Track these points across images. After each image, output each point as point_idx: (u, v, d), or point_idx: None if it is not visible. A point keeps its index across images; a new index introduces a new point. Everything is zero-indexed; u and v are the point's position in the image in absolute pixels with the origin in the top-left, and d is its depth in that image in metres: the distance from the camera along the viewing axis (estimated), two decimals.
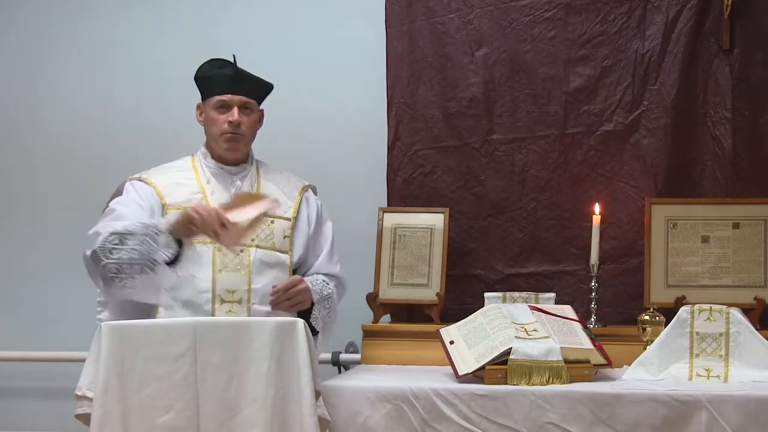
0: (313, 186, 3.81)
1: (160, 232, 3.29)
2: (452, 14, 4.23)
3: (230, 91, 3.61)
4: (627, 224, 4.11)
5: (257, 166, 3.73)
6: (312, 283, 3.59)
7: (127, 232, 3.30)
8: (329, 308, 3.61)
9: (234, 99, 3.61)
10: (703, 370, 3.45)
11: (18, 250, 4.63)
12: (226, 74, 3.62)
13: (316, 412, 3.19)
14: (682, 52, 4.08)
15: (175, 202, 3.55)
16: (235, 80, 3.62)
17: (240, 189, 3.61)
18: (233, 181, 3.66)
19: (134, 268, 3.29)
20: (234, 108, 3.60)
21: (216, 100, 3.62)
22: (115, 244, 3.30)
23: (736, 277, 3.94)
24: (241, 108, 3.61)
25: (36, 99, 4.64)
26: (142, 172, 3.66)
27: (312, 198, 3.77)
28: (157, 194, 3.58)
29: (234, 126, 3.60)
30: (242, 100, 3.62)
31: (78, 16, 4.63)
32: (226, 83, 3.61)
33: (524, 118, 4.19)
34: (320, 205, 3.78)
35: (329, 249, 3.73)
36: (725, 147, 4.07)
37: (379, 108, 4.28)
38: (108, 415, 3.13)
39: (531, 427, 3.24)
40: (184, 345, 3.17)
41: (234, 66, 3.64)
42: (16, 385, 4.63)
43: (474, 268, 4.20)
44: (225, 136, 3.61)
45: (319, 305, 3.59)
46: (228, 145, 3.62)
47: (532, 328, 3.49)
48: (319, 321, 3.57)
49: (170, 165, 3.71)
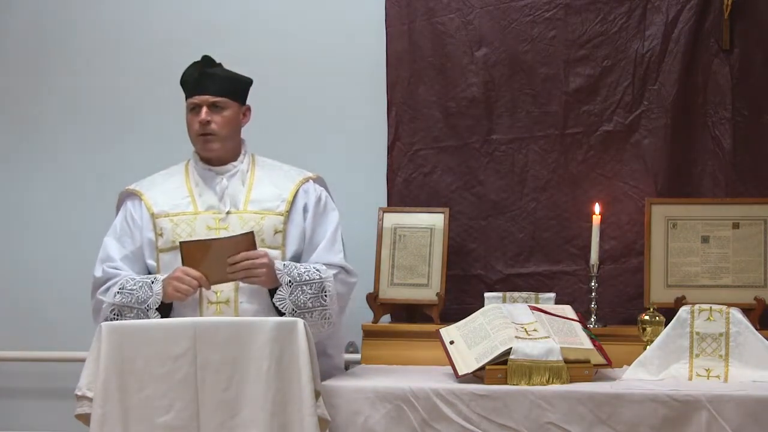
0: (318, 177, 3.79)
1: (149, 309, 3.48)
2: (452, 14, 4.23)
3: (197, 92, 3.65)
4: (627, 224, 4.11)
5: (253, 163, 3.74)
6: (287, 265, 3.54)
7: (123, 304, 3.50)
8: (315, 294, 3.53)
9: (201, 99, 3.65)
10: (703, 370, 3.45)
11: (18, 250, 4.62)
12: (194, 76, 3.66)
13: (316, 412, 3.19)
14: (682, 52, 4.08)
15: (163, 210, 3.65)
16: (200, 81, 3.65)
17: (226, 188, 3.64)
18: (220, 180, 3.67)
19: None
20: (203, 108, 3.63)
21: (188, 103, 3.68)
22: (116, 315, 3.52)
23: (736, 277, 3.94)
24: (211, 107, 3.64)
25: None
26: (138, 182, 3.77)
27: (312, 189, 3.75)
28: (146, 205, 3.68)
29: (203, 126, 3.63)
30: (209, 99, 3.64)
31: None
32: (194, 85, 3.66)
33: (524, 118, 4.19)
34: (323, 196, 3.76)
35: (330, 238, 3.69)
36: (725, 147, 4.07)
37: (379, 108, 4.28)
38: (108, 415, 3.14)
39: (531, 427, 3.24)
40: (184, 345, 3.18)
41: (200, 67, 3.67)
42: (16, 385, 4.63)
43: (474, 268, 4.20)
44: (199, 138, 3.66)
45: (292, 288, 3.50)
46: (202, 146, 3.67)
47: (532, 328, 3.49)
48: (287, 304, 3.49)
49: (165, 172, 3.79)
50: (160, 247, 3.63)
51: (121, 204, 3.76)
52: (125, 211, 3.72)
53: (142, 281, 3.53)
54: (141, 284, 3.52)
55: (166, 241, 3.61)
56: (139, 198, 3.71)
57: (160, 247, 3.63)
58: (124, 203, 3.75)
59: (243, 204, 3.64)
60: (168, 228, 3.62)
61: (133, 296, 3.50)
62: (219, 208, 3.64)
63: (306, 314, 3.49)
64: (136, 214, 3.69)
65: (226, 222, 3.62)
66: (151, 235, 3.64)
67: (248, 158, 3.75)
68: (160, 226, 3.63)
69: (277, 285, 3.51)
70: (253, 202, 3.66)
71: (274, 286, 3.52)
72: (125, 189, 3.78)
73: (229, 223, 3.61)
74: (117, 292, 3.52)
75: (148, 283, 3.52)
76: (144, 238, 3.65)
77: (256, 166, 3.75)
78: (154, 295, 3.48)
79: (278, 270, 3.51)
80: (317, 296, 3.54)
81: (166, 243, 3.61)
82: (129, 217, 3.71)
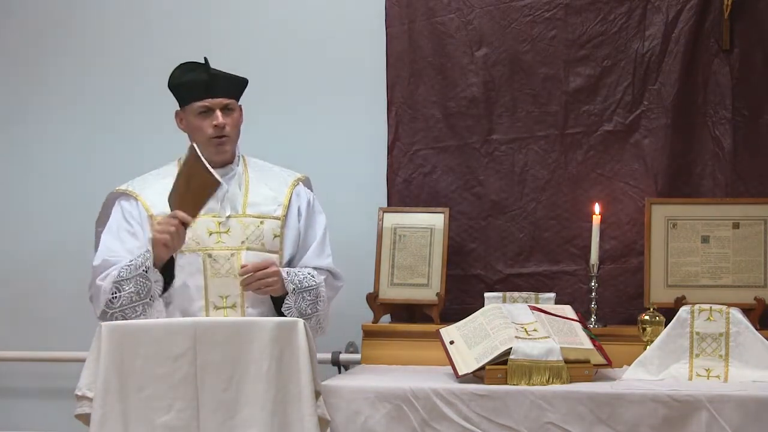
0: (305, 178, 3.79)
1: (148, 269, 3.42)
2: (452, 14, 4.23)
3: (210, 96, 3.60)
4: (627, 224, 4.11)
5: (245, 165, 3.72)
6: (289, 272, 3.55)
7: (120, 278, 3.43)
8: (312, 300, 3.56)
9: (214, 102, 3.60)
10: (703, 370, 3.45)
11: (18, 250, 4.62)
12: (202, 79, 3.61)
13: (316, 412, 3.19)
14: (682, 52, 4.08)
15: (162, 212, 3.55)
16: (211, 84, 3.61)
17: (226, 192, 3.58)
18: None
19: (137, 309, 3.43)
20: (216, 111, 3.60)
21: (197, 107, 3.61)
22: (114, 293, 3.43)
23: (736, 277, 3.94)
24: (223, 110, 3.61)
25: None
26: (129, 182, 3.69)
27: (303, 191, 3.74)
28: (143, 207, 3.61)
29: (219, 129, 3.59)
30: (222, 102, 3.61)
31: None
32: (204, 88, 3.60)
33: (524, 118, 4.19)
34: (312, 198, 3.75)
35: (319, 242, 3.69)
36: (725, 147, 4.07)
37: (379, 108, 4.28)
38: (108, 415, 3.14)
39: (531, 427, 3.25)
40: (184, 345, 3.18)
41: (207, 69, 3.63)
42: (16, 385, 4.63)
43: (474, 268, 4.20)
44: (213, 141, 3.61)
45: (296, 295, 3.53)
46: (216, 149, 3.61)
47: (532, 328, 3.49)
48: (293, 311, 3.51)
49: (156, 172, 3.72)
50: None
51: (112, 204, 3.67)
52: (121, 210, 3.63)
53: (139, 255, 3.48)
54: (138, 254, 3.47)
55: None
56: (134, 198, 3.63)
57: None
58: (117, 203, 3.66)
59: (241, 207, 3.62)
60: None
61: (131, 267, 3.43)
62: (219, 211, 3.60)
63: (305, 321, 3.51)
64: (135, 213, 3.62)
65: (226, 226, 3.59)
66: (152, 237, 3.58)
67: (241, 160, 3.73)
68: None
69: (284, 293, 3.53)
70: (251, 205, 3.64)
71: (281, 293, 3.54)
72: (116, 189, 3.69)
73: (230, 227, 3.60)
74: (115, 273, 3.44)
75: (142, 254, 3.46)
76: (146, 238, 3.56)
77: (249, 167, 3.72)
78: (147, 253, 3.42)
79: (284, 278, 3.53)
80: (314, 302, 3.57)
81: None
82: (128, 215, 3.62)
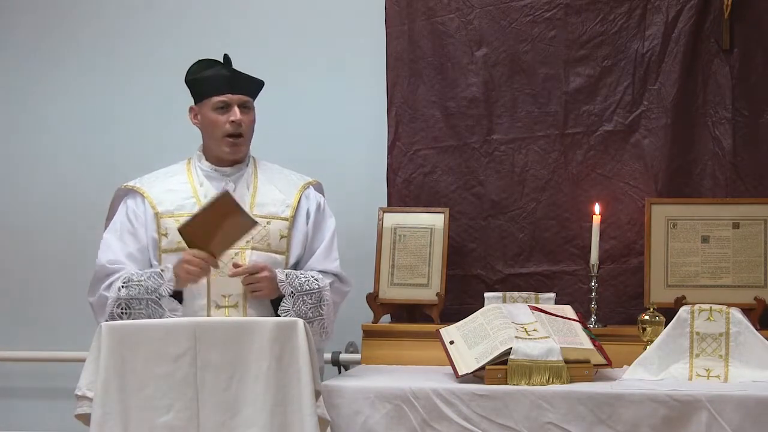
0: (317, 183, 3.79)
1: (161, 297, 3.43)
2: (452, 14, 4.23)
3: (230, 91, 3.60)
4: (627, 224, 4.11)
5: (255, 166, 3.72)
6: (289, 275, 3.54)
7: (130, 298, 3.44)
8: (315, 304, 3.54)
9: (233, 98, 3.61)
10: (703, 370, 3.45)
11: (18, 250, 4.62)
12: (223, 74, 3.62)
13: (316, 412, 3.19)
14: (682, 52, 4.08)
15: (168, 210, 3.58)
16: (233, 80, 3.61)
17: (233, 191, 3.57)
18: (226, 183, 3.63)
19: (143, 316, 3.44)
20: (234, 107, 3.60)
21: (215, 101, 3.61)
22: (123, 310, 3.44)
23: (736, 277, 3.94)
24: (241, 107, 3.61)
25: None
26: (137, 179, 3.69)
27: (313, 194, 3.75)
28: (150, 204, 3.61)
29: (236, 125, 3.59)
30: (242, 98, 3.62)
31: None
32: (225, 83, 3.60)
33: (524, 118, 4.19)
34: (322, 202, 3.76)
35: (327, 245, 3.69)
36: (725, 147, 4.07)
37: (379, 108, 4.28)
38: (108, 415, 3.14)
39: (531, 427, 3.25)
40: (184, 345, 3.18)
41: (230, 65, 3.64)
42: (16, 385, 4.63)
43: (474, 268, 4.20)
44: (227, 138, 3.61)
45: (295, 299, 3.51)
46: (231, 148, 3.62)
47: (532, 328, 3.49)
48: (291, 314, 3.49)
49: (165, 170, 3.72)
50: (164, 247, 3.57)
51: (120, 201, 3.67)
52: (126, 209, 3.64)
53: (150, 272, 3.48)
54: (149, 275, 3.47)
55: (171, 242, 3.55)
56: (141, 196, 3.63)
57: (163, 248, 3.57)
58: (124, 201, 3.66)
59: (249, 207, 3.59)
60: (173, 228, 3.53)
61: (141, 287, 3.44)
62: None
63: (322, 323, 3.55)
64: (140, 211, 3.61)
65: None
66: (155, 235, 3.58)
67: (252, 161, 3.73)
68: (165, 227, 3.58)
69: (280, 295, 3.52)
70: (259, 206, 3.63)
71: (277, 296, 3.53)
72: (123, 186, 3.69)
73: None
74: (122, 286, 3.45)
75: (157, 272, 3.47)
76: (149, 237, 3.58)
77: (259, 169, 3.72)
78: (166, 282, 3.43)
79: (280, 282, 3.51)
80: (316, 306, 3.55)
81: (171, 244, 3.55)
82: (132, 214, 3.62)
